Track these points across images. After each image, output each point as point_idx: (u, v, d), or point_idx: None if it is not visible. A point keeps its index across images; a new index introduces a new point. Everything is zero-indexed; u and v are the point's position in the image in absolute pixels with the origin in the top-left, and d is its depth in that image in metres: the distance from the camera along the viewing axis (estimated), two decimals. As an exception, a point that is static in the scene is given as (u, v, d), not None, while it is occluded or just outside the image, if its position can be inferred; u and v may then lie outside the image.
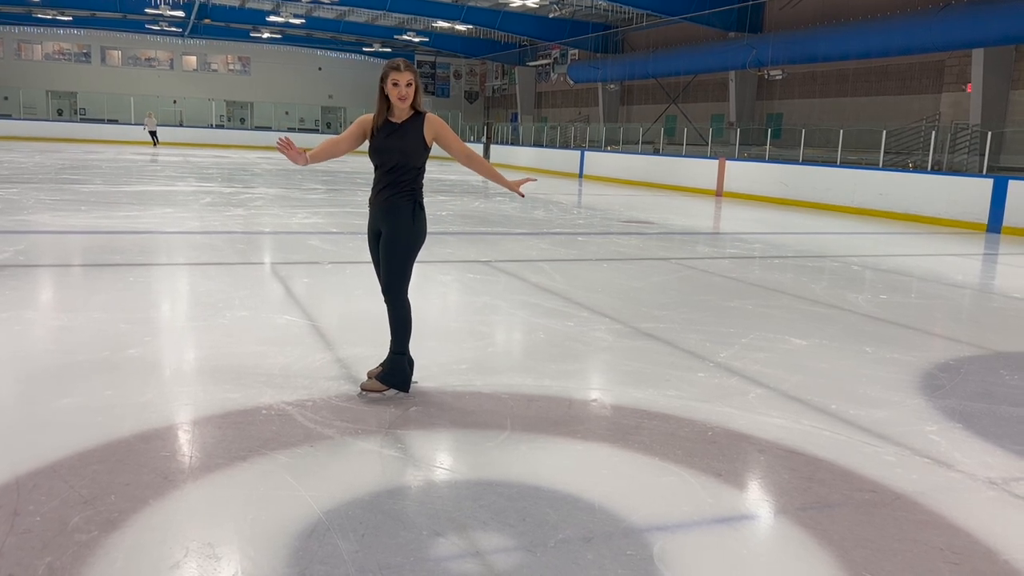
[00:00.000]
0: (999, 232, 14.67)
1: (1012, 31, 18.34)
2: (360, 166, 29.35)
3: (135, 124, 42.41)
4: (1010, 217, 14.61)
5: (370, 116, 4.02)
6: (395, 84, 3.88)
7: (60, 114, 45.24)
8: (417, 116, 3.98)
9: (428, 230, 4.12)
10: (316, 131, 48.31)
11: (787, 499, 3.17)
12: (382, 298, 4.13)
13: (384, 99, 3.95)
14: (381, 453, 3.48)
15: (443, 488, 3.14)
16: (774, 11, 26.72)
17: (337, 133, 46.84)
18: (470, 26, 36.15)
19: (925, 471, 3.52)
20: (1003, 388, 4.83)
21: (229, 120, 48.49)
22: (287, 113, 49.03)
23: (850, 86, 24.88)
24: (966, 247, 12.60)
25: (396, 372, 4.07)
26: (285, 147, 3.77)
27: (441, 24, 36.45)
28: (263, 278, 7.42)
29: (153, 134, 38.70)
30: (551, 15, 33.68)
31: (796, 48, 24.06)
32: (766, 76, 26.23)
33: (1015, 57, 19.81)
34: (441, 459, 3.45)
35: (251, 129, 46.65)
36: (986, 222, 15.00)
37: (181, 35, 45.23)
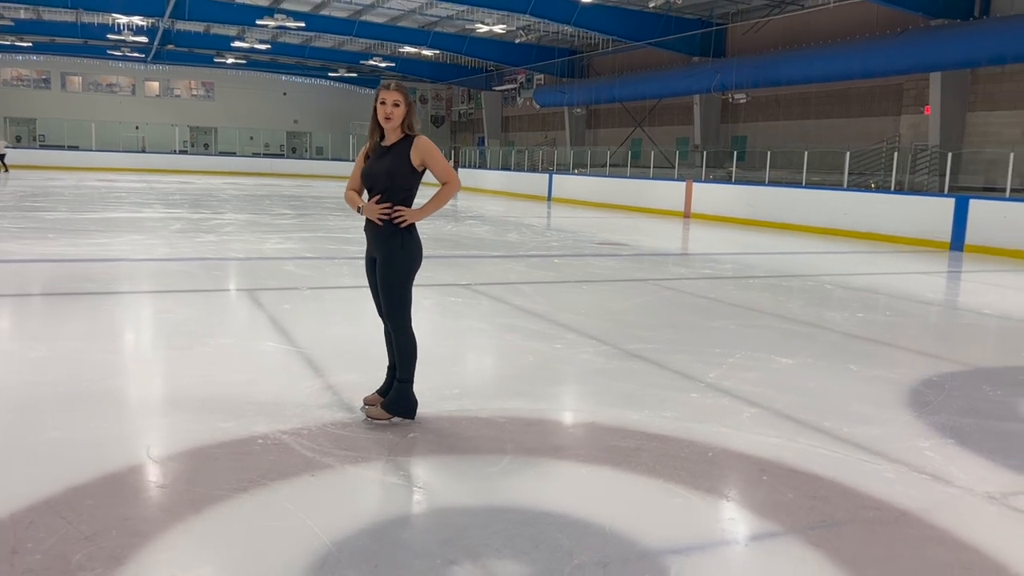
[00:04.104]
0: (961, 250, 14.99)
1: (967, 55, 18.91)
2: (328, 191, 29.21)
3: (96, 151, 41.82)
4: (972, 235, 14.94)
5: (367, 146, 4.01)
6: (382, 103, 3.85)
7: (19, 141, 44.42)
8: (406, 139, 3.93)
9: None
10: (281, 156, 48.04)
11: (795, 519, 3.17)
12: (367, 323, 4.09)
13: (377, 122, 3.92)
14: (384, 481, 3.43)
15: (451, 515, 3.10)
16: (736, 36, 27.23)
17: (302, 158, 47.00)
18: (437, 51, 36.31)
19: (925, 487, 3.55)
20: (988, 403, 4.91)
21: (193, 146, 48.00)
22: (252, 138, 48.66)
23: (812, 109, 25.39)
24: (932, 265, 12.85)
25: (402, 400, 4.02)
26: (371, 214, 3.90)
27: (408, 49, 36.57)
28: (242, 305, 7.31)
29: (1, 158, 32.96)
30: (517, 40, 33.98)
31: (759, 72, 24.52)
32: (730, 100, 26.67)
33: (971, 80, 20.38)
34: (446, 486, 3.40)
35: (215, 155, 46.19)
36: (949, 240, 15.32)
37: (144, 61, 44.78)
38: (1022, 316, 8.30)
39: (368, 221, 3.97)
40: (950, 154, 16.79)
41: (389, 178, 3.87)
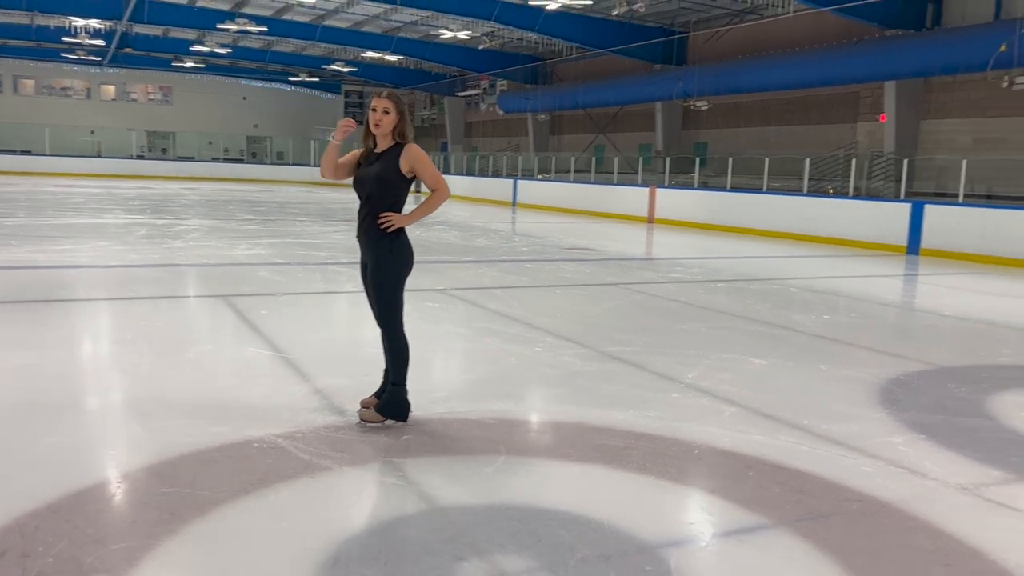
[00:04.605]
0: (918, 254, 15.43)
1: (920, 65, 19.48)
2: (290, 196, 29.02)
3: (51, 155, 40.96)
4: (928, 239, 15.38)
5: (361, 150, 4.07)
6: (373, 109, 3.93)
7: (-31, 145, 43.27)
8: (397, 146, 4.00)
9: None
10: (241, 161, 47.51)
11: (782, 512, 3.31)
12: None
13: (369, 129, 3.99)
14: (383, 482, 3.49)
15: (454, 513, 3.18)
16: (698, 44, 27.68)
17: (263, 163, 46.53)
18: (400, 56, 36.27)
19: (902, 480, 3.71)
20: (954, 401, 5.12)
21: (150, 151, 47.26)
22: (210, 143, 48.04)
23: (773, 116, 25.91)
24: (890, 268, 13.23)
25: (394, 403, 4.09)
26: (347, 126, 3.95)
27: (371, 54, 36.47)
28: (219, 311, 7.29)
29: None
30: (481, 47, 34.11)
31: (720, 80, 24.95)
32: (692, 107, 27.07)
33: (924, 89, 20.99)
34: (445, 485, 3.47)
35: (173, 160, 45.54)
36: (905, 244, 15.76)
37: (99, 64, 43.99)
38: (979, 317, 8.62)
39: (360, 228, 4.03)
40: (906, 160, 17.27)
41: (378, 183, 3.94)
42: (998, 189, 18.13)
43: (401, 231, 3.99)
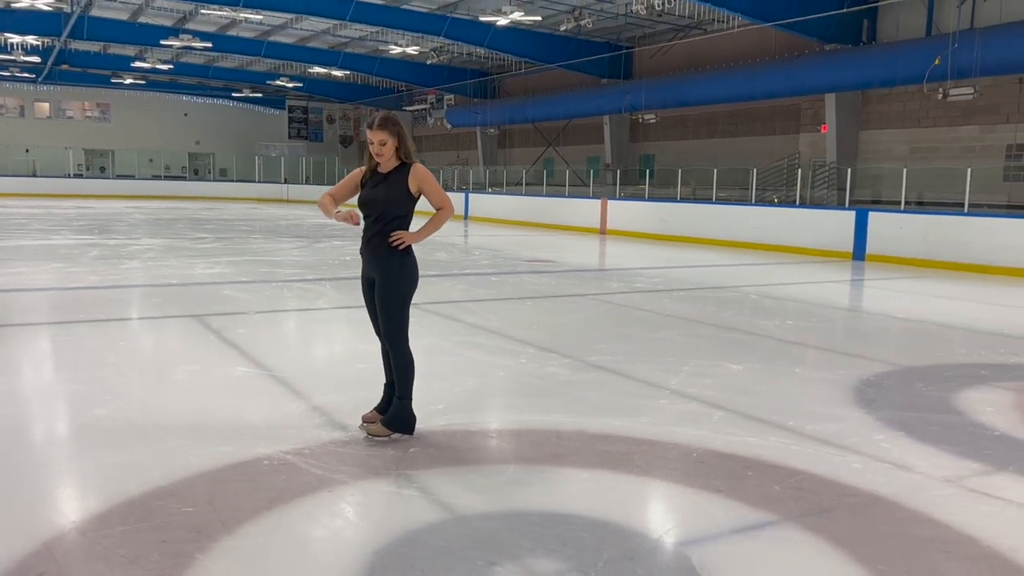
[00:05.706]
0: (863, 260, 16.00)
1: (859, 78, 20.24)
2: (238, 213, 28.64)
3: (-16, 175, 39.66)
4: (872, 245, 15.97)
5: (363, 168, 4.15)
6: (370, 143, 4.03)
7: None
8: (403, 166, 4.11)
9: (347, 275, 4.21)
10: (183, 178, 46.67)
11: (786, 508, 3.48)
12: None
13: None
14: (401, 494, 3.56)
15: (477, 521, 3.26)
16: (644, 59, 28.23)
17: (205, 180, 45.76)
18: (347, 72, 36.14)
19: (890, 475, 3.92)
20: (924, 399, 5.39)
21: (88, 169, 46.08)
22: (151, 161, 47.03)
23: (719, 128, 26.56)
24: (839, 274, 13.69)
25: (401, 417, 4.16)
26: (347, 219, 3.96)
27: (317, 70, 36.26)
28: (196, 331, 7.22)
29: None
30: (429, 62, 34.18)
31: (666, 93, 25.49)
32: (639, 119, 27.56)
33: (862, 101, 21.79)
34: (462, 495, 3.55)
35: (113, 178, 44.51)
36: (851, 251, 16.32)
37: (34, 81, 42.79)
38: (930, 319, 9.02)
39: (366, 244, 4.11)
40: (850, 169, 17.90)
41: (387, 205, 4.04)
42: (930, 195, 18.88)
43: (409, 248, 4.10)
